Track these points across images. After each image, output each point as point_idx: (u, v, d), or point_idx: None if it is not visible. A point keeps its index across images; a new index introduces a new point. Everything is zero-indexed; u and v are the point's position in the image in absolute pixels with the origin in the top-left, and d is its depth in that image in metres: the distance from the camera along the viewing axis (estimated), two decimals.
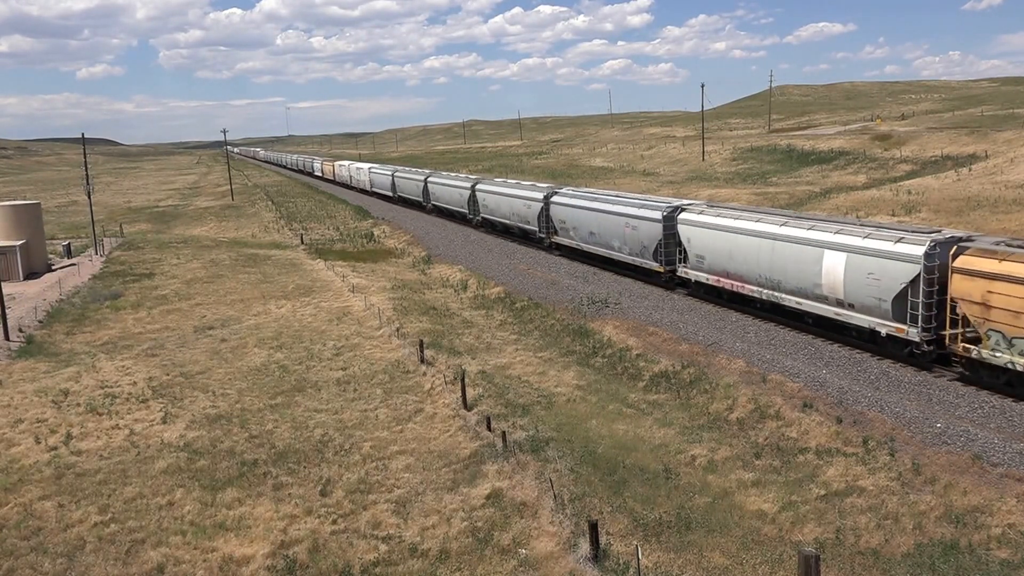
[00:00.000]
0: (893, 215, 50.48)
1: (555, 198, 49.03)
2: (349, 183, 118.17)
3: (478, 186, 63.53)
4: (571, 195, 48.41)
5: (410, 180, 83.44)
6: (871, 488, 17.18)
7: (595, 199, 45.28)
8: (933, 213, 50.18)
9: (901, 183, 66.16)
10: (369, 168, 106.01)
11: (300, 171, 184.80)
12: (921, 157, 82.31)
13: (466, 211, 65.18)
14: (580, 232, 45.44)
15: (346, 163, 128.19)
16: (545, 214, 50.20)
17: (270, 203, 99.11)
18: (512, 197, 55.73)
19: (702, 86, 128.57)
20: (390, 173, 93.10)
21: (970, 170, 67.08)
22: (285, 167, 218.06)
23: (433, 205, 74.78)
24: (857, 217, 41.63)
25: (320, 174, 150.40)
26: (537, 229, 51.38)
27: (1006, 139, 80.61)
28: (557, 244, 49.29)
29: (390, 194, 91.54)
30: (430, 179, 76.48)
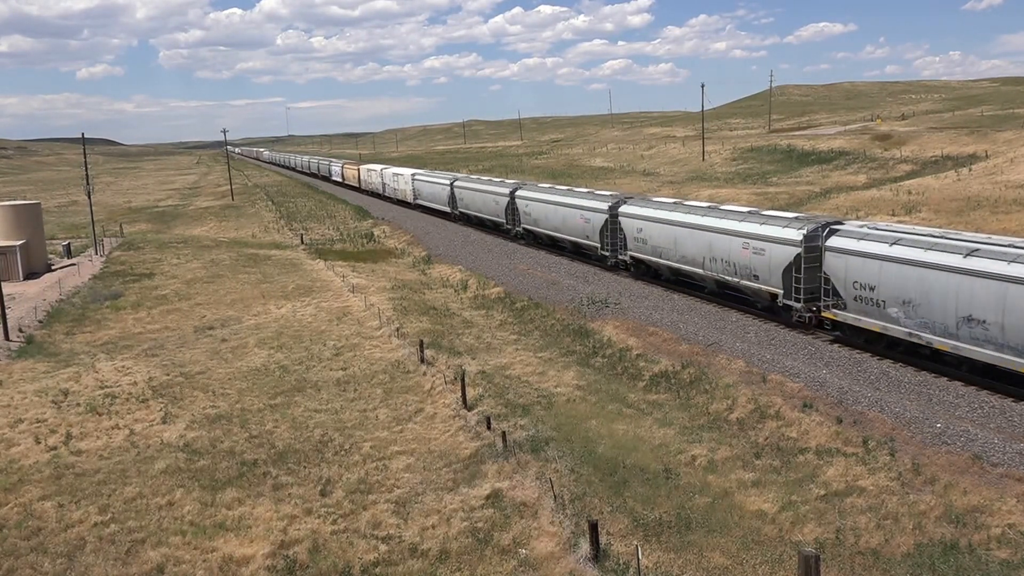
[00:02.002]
0: (893, 215, 50.49)
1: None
2: (381, 192, 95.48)
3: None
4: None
5: (486, 193, 60.78)
6: (871, 488, 17.17)
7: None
8: (933, 213, 50.18)
9: (901, 183, 66.17)
10: (413, 176, 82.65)
11: (312, 174, 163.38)
12: (921, 157, 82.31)
13: (600, 246, 44.19)
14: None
15: (377, 167, 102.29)
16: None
17: (270, 203, 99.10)
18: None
19: (702, 86, 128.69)
20: (447, 183, 70.08)
21: (970, 170, 67.08)
22: (294, 170, 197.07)
23: (524, 229, 54.33)
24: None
25: (340, 179, 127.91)
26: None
27: (1006, 139, 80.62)
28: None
29: (446, 209, 70.49)
30: (518, 193, 54.90)
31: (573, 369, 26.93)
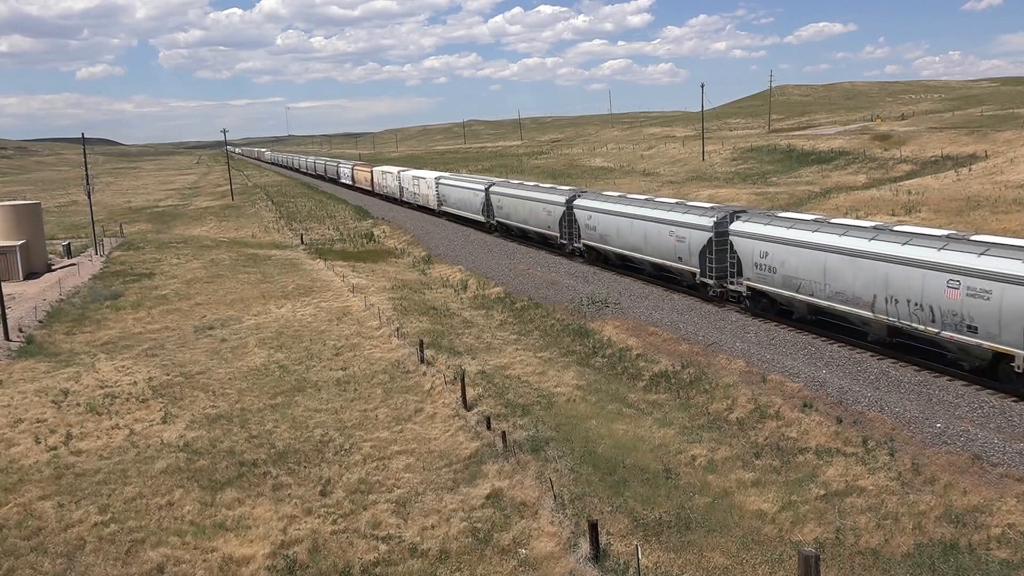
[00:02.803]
0: (893, 215, 50.48)
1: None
2: (398, 197, 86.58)
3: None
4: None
5: (534, 201, 51.49)
6: (871, 488, 17.17)
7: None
8: (933, 213, 50.19)
9: (901, 183, 66.18)
10: (437, 180, 72.37)
11: (318, 177, 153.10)
12: (921, 157, 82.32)
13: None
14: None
15: (393, 170, 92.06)
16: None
17: (270, 203, 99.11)
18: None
19: (702, 86, 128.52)
20: (482, 188, 60.64)
21: (970, 170, 67.09)
22: (298, 171, 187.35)
23: (585, 245, 45.62)
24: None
25: (349, 182, 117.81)
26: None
27: (1006, 139, 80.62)
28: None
29: (478, 217, 61.35)
30: (578, 202, 45.86)
31: (573, 369, 26.93)
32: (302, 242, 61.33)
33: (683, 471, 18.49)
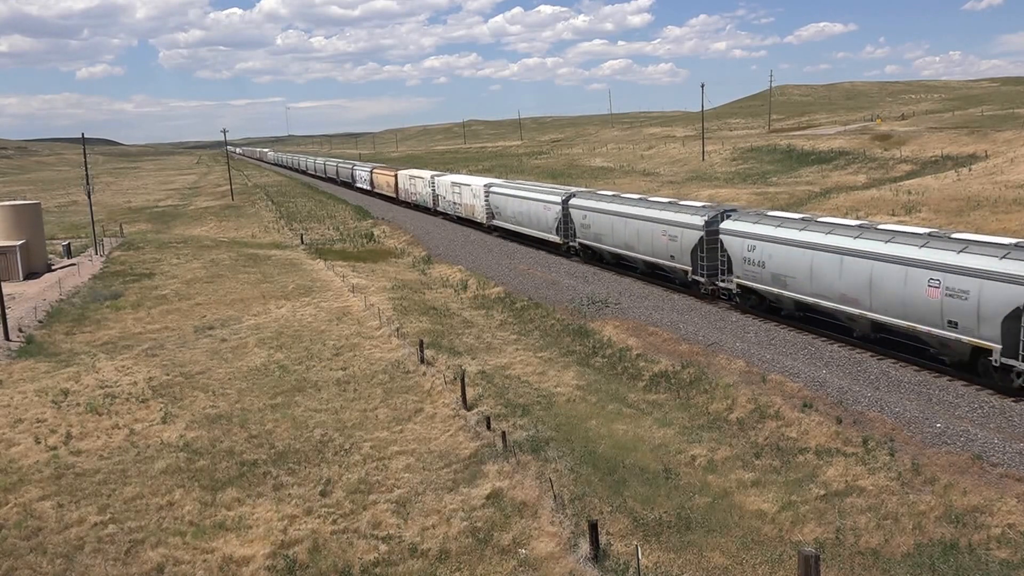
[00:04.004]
0: (893, 215, 50.49)
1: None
2: (430, 206, 75.11)
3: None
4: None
5: (644, 221, 38.62)
6: (871, 488, 17.17)
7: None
8: (933, 213, 50.18)
9: (901, 183, 66.17)
10: (487, 189, 59.79)
11: (328, 180, 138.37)
12: (921, 157, 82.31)
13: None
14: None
15: (425, 175, 78.86)
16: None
17: (270, 203, 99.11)
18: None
19: (702, 86, 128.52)
20: (557, 201, 47.37)
21: (970, 170, 67.09)
22: (305, 173, 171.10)
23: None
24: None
25: (367, 186, 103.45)
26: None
27: (1006, 139, 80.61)
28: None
29: (551, 236, 48.73)
30: (729, 226, 32.67)
31: (573, 369, 26.92)
32: (302, 242, 61.33)
33: (683, 471, 18.49)
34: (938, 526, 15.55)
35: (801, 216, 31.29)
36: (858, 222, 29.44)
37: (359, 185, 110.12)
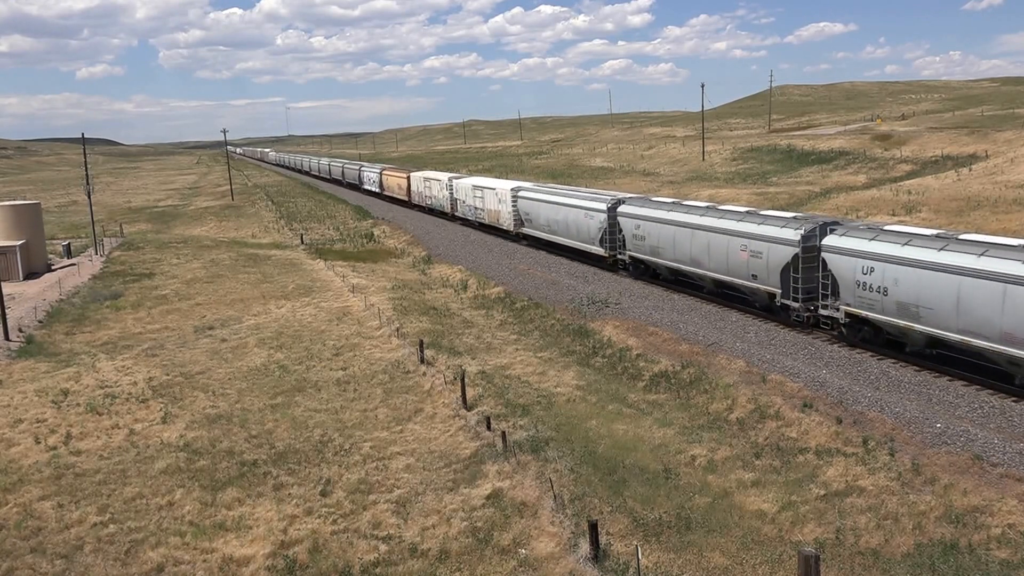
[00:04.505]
0: (893, 215, 50.49)
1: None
2: (447, 210, 70.34)
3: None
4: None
5: (714, 232, 33.36)
6: (871, 488, 17.17)
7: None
8: (933, 213, 50.19)
9: (901, 183, 66.17)
10: (514, 194, 54.37)
11: (333, 181, 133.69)
12: (921, 157, 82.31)
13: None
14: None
15: (441, 177, 74.25)
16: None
17: (270, 203, 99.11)
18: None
19: (702, 86, 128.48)
20: (602, 208, 41.74)
21: (970, 170, 67.09)
22: (308, 174, 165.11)
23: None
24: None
25: (376, 189, 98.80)
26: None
27: (1006, 139, 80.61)
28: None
29: (595, 249, 42.91)
30: (834, 242, 27.32)
31: (573, 369, 26.93)
32: (302, 242, 61.33)
33: (683, 471, 18.49)
34: (938, 526, 15.55)
35: (936, 232, 25.32)
36: (1019, 241, 23.23)
37: (367, 187, 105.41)
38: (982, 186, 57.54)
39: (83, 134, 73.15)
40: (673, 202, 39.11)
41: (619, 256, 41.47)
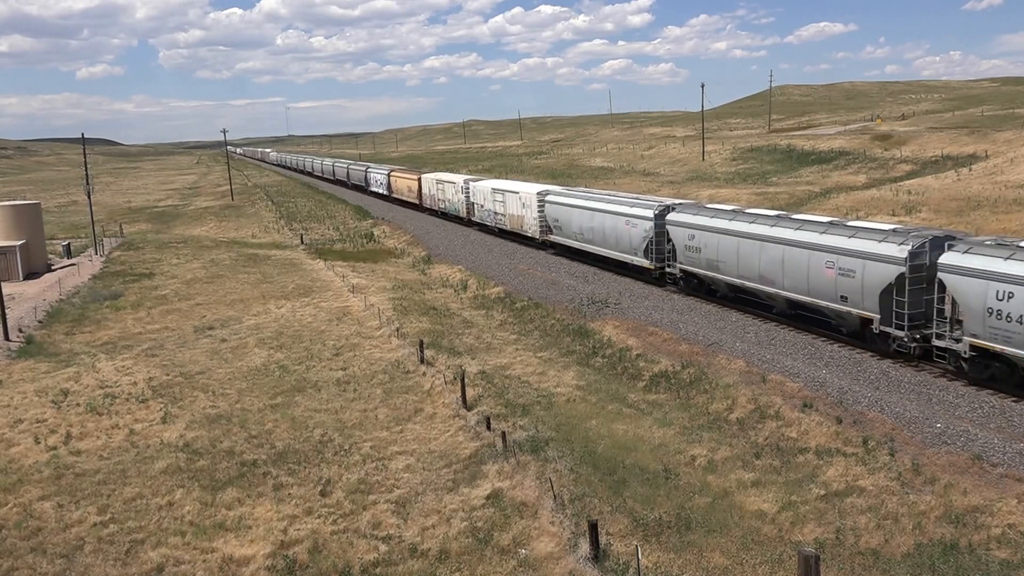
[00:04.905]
0: (893, 215, 50.48)
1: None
2: (463, 215, 66.52)
3: None
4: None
5: (792, 246, 29.27)
6: (871, 488, 17.17)
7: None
8: (933, 213, 50.18)
9: (901, 183, 66.18)
10: (540, 199, 50.61)
11: (338, 182, 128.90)
12: (921, 157, 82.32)
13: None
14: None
15: (456, 180, 70.03)
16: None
17: (270, 203, 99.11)
18: None
19: (702, 86, 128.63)
20: (650, 214, 37.90)
21: (970, 170, 67.10)
22: (311, 175, 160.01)
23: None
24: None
25: (385, 191, 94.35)
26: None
27: (1006, 139, 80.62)
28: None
29: (641, 261, 38.99)
30: (954, 260, 23.63)
31: (573, 369, 26.93)
32: (302, 242, 61.34)
33: (683, 471, 18.49)
34: (938, 526, 15.55)
35: None
36: None
37: (374, 189, 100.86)
38: (982, 186, 57.55)
39: (83, 134, 73.26)
40: (734, 210, 34.84)
41: (667, 269, 37.23)
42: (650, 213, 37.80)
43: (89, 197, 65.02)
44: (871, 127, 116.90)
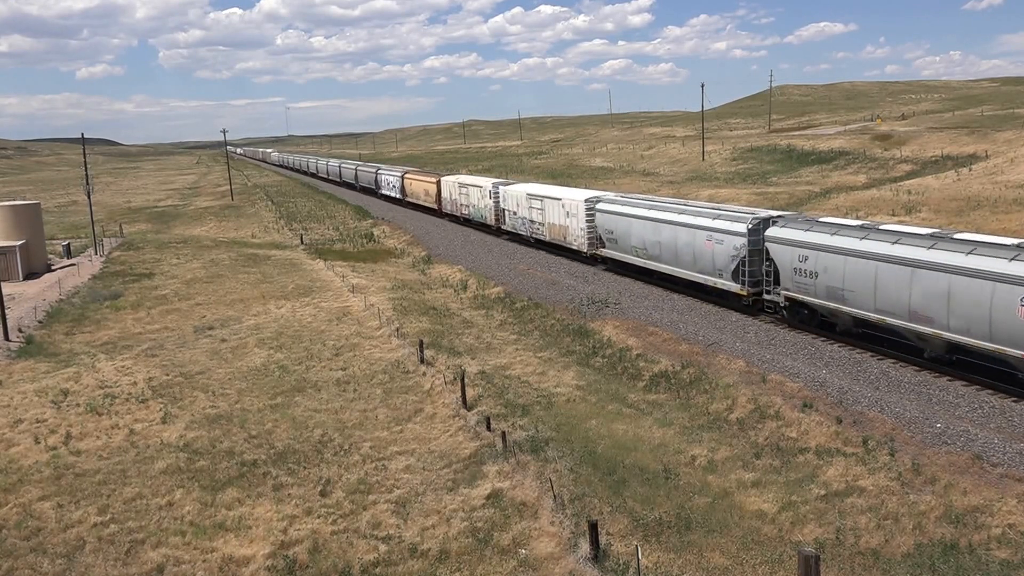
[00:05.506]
0: (893, 215, 50.47)
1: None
2: (493, 224, 59.82)
3: None
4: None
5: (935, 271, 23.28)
6: (871, 488, 17.17)
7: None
8: (933, 213, 50.18)
9: (901, 183, 66.17)
10: (590, 205, 44.18)
11: (345, 185, 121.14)
12: (921, 157, 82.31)
13: None
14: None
15: (483, 183, 63.14)
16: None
17: (270, 203, 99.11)
18: None
19: (702, 86, 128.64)
20: (744, 230, 31.01)
21: (970, 170, 67.09)
22: (315, 176, 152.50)
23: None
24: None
25: (398, 194, 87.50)
26: None
27: (1006, 139, 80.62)
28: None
29: (726, 284, 32.48)
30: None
31: (573, 369, 26.92)
32: (302, 242, 61.33)
33: (683, 471, 18.49)
34: (938, 526, 15.55)
35: None
36: None
37: (385, 192, 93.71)
38: (982, 186, 57.54)
39: (83, 134, 73.18)
40: (863, 225, 27.78)
41: (767, 296, 30.69)
42: (742, 227, 30.93)
43: (89, 197, 65.00)
44: (871, 127, 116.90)
